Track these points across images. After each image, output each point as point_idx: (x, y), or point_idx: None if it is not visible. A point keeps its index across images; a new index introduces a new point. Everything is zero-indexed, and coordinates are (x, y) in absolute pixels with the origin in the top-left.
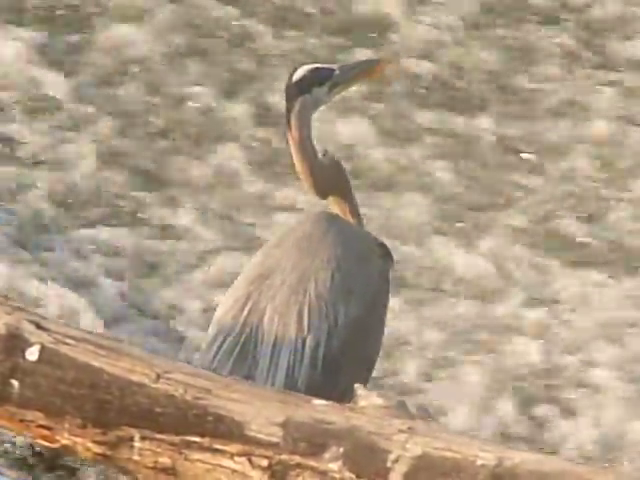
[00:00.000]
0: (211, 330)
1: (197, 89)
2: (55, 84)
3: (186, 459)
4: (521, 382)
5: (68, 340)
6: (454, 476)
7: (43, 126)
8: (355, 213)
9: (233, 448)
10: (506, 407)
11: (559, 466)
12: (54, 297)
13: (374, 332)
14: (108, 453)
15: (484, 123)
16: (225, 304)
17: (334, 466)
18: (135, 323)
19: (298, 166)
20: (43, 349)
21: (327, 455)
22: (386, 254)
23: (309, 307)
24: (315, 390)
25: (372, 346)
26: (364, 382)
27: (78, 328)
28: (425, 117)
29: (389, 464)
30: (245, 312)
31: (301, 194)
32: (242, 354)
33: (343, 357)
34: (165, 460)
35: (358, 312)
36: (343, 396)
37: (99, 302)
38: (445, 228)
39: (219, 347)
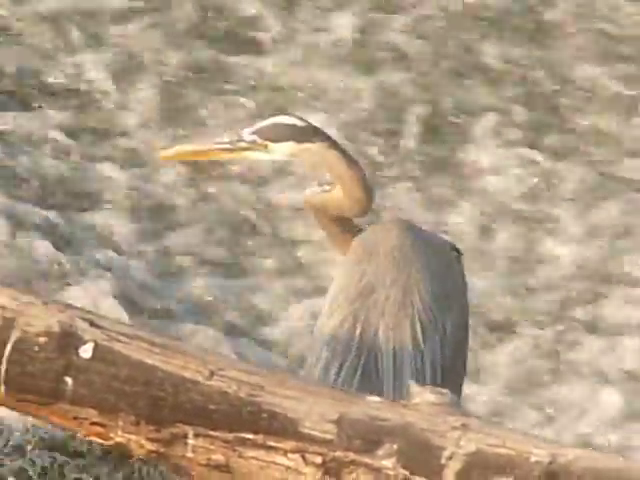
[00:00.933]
0: (321, 353)
1: None
2: None
3: (240, 456)
4: None
5: (121, 337)
6: (508, 473)
7: None
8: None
9: (287, 445)
10: None
11: (614, 463)
12: None
13: (468, 332)
14: (162, 450)
15: None
16: (330, 325)
17: (388, 463)
18: None
19: (349, 177)
20: (97, 347)
21: (381, 452)
22: (459, 254)
23: (420, 320)
24: None
25: (467, 345)
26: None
27: (131, 325)
28: None
29: (443, 461)
30: (357, 332)
31: None
32: (365, 375)
33: (456, 363)
34: (219, 457)
35: (458, 317)
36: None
37: None
38: None
39: (338, 370)
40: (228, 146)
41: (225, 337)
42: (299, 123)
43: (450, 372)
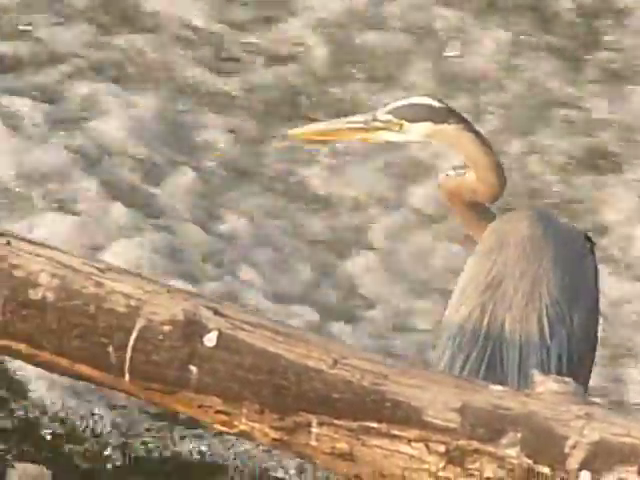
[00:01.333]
0: (447, 344)
1: None
2: None
3: (364, 445)
4: None
5: (245, 326)
6: (632, 462)
7: None
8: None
9: (410, 434)
10: None
11: None
12: None
13: (597, 322)
14: (285, 438)
15: None
16: (458, 316)
17: (512, 452)
18: None
19: (484, 160)
20: (221, 335)
21: (504, 441)
22: (592, 246)
23: (547, 314)
24: None
25: (597, 337)
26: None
27: (255, 313)
28: None
29: (567, 450)
30: (484, 324)
31: None
32: (490, 368)
33: (582, 357)
34: (343, 446)
35: (587, 310)
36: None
37: None
38: None
39: (464, 362)
40: (362, 125)
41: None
42: (436, 104)
43: (577, 366)
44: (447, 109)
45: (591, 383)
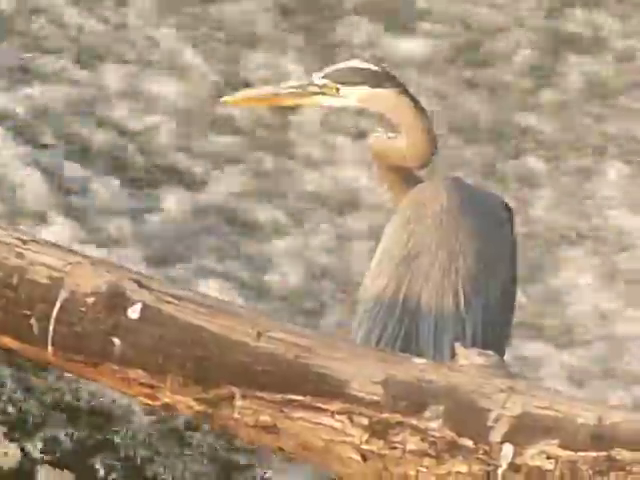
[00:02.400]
0: (364, 317)
1: None
2: None
3: (287, 417)
4: None
5: (169, 298)
6: (554, 435)
7: None
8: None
9: (334, 406)
10: None
11: None
12: None
13: (515, 293)
14: (209, 411)
15: None
16: (374, 289)
17: (434, 425)
18: None
19: (416, 126)
20: (145, 307)
21: (427, 414)
22: (510, 213)
23: (463, 288)
24: None
25: (514, 305)
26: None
27: (179, 287)
28: None
29: (489, 423)
30: (400, 298)
31: None
32: (405, 343)
33: (498, 330)
34: (266, 418)
35: (505, 283)
36: None
37: None
38: None
39: (379, 336)
40: (297, 90)
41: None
42: (373, 67)
43: (492, 339)
44: (384, 73)
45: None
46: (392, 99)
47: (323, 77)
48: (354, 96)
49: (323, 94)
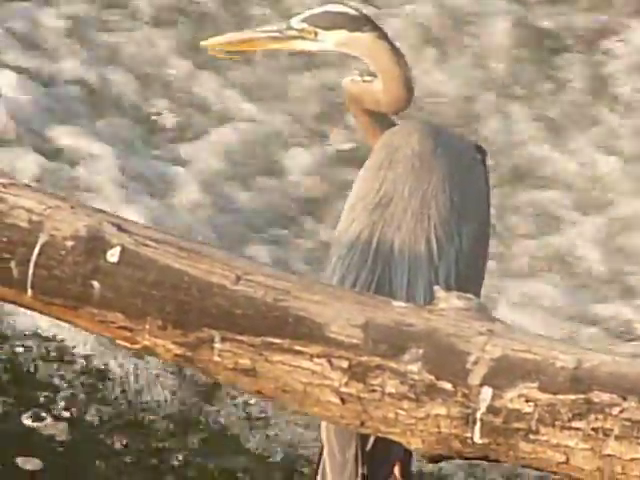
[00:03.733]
0: (337, 264)
1: None
2: None
3: (266, 360)
4: None
5: (149, 242)
6: (533, 378)
7: None
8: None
9: (313, 350)
10: None
11: (638, 368)
12: None
13: (488, 235)
14: (188, 354)
15: None
16: (347, 236)
17: (413, 367)
18: None
19: (393, 71)
20: (124, 251)
21: (406, 357)
22: (484, 156)
23: (436, 234)
24: None
25: (487, 247)
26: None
27: (159, 230)
28: None
29: (468, 366)
30: (373, 246)
31: None
32: (378, 291)
33: (471, 275)
34: (245, 362)
35: (478, 227)
36: None
37: None
38: None
39: (352, 284)
40: (276, 34)
41: None
42: (351, 11)
43: (465, 285)
44: (362, 16)
45: None
46: (369, 43)
47: (301, 21)
48: (332, 40)
49: (302, 38)
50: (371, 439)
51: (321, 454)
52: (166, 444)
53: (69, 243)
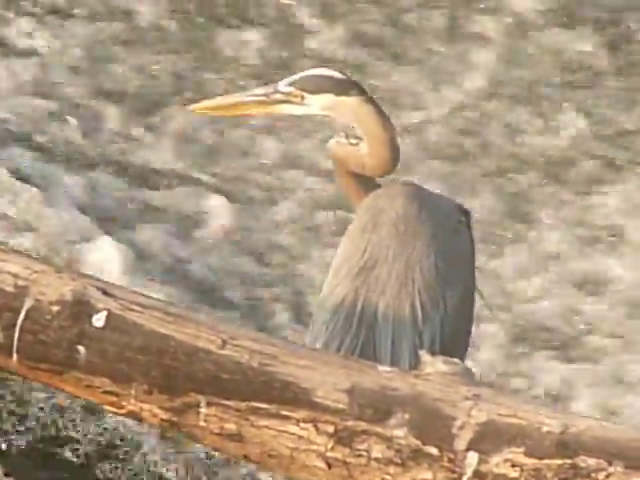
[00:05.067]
0: (321, 329)
1: None
2: None
3: (252, 425)
4: None
5: (134, 306)
6: (519, 443)
7: None
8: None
9: (299, 414)
10: None
11: (625, 433)
12: None
13: (474, 299)
14: (174, 419)
15: None
16: (331, 300)
17: (400, 432)
18: None
19: (379, 135)
20: (110, 315)
21: (393, 421)
22: (468, 218)
23: (420, 299)
24: None
25: (473, 312)
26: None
27: (144, 295)
28: None
29: (454, 431)
30: (357, 310)
31: None
32: (362, 356)
33: (457, 339)
34: (231, 426)
35: (463, 291)
36: None
37: None
38: None
39: (337, 350)
40: (262, 98)
41: None
42: (337, 75)
43: (450, 350)
44: (349, 81)
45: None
46: (356, 107)
47: (288, 84)
48: (318, 104)
49: (288, 102)
50: None
51: None
52: None
53: (55, 308)
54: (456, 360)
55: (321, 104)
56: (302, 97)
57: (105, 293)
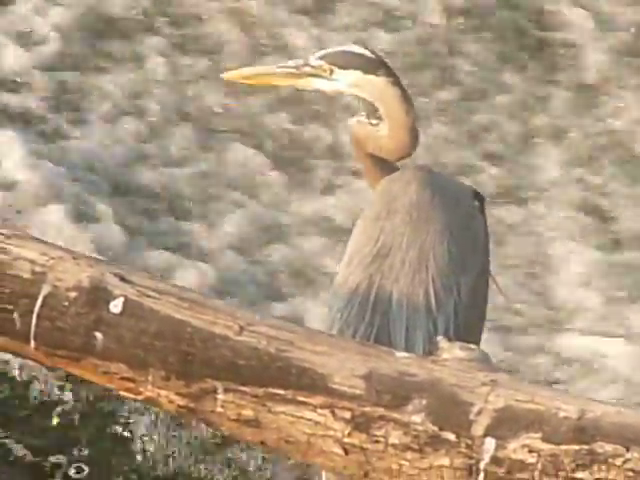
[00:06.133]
0: (335, 317)
1: None
2: None
3: (269, 411)
4: None
5: (151, 293)
6: (536, 428)
7: None
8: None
9: (316, 400)
10: None
11: None
12: None
13: (487, 285)
14: (191, 405)
15: None
16: (345, 288)
17: (417, 418)
18: None
19: (401, 118)
20: (127, 302)
21: (410, 407)
22: (482, 203)
23: (434, 286)
24: None
25: (486, 297)
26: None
27: (161, 281)
28: None
29: (472, 416)
30: (371, 298)
31: None
32: (377, 344)
33: (471, 324)
34: (248, 412)
35: (476, 277)
36: None
37: None
38: None
39: (352, 337)
40: (293, 70)
41: None
42: (368, 54)
43: (466, 334)
44: (379, 60)
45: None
46: (382, 87)
47: (319, 58)
48: (346, 80)
49: (317, 76)
50: None
51: None
52: None
53: (72, 294)
54: (473, 346)
55: (349, 81)
56: (331, 71)
57: (122, 279)
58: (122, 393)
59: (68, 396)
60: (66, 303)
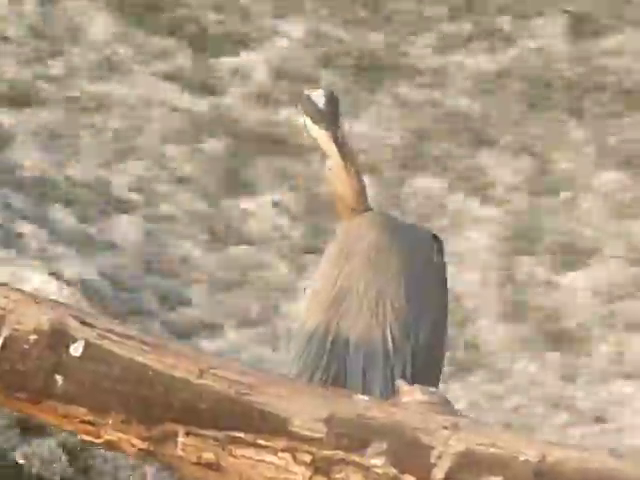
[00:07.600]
0: (294, 359)
1: None
2: None
3: (230, 455)
4: None
5: (112, 336)
6: (497, 472)
7: None
8: None
9: (277, 444)
10: None
11: (604, 463)
12: None
13: (446, 328)
14: (152, 449)
15: None
16: (303, 332)
17: (377, 461)
18: None
19: (353, 187)
20: (87, 345)
21: (370, 450)
22: (440, 245)
23: (391, 331)
24: None
25: (444, 341)
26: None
27: (122, 324)
28: None
29: (432, 460)
30: (328, 343)
31: None
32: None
33: (428, 369)
34: (209, 456)
35: (434, 321)
36: None
37: None
38: None
39: (308, 381)
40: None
41: None
42: (321, 101)
43: (422, 380)
44: (327, 111)
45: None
46: (325, 141)
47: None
48: (307, 125)
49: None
50: None
51: None
52: None
53: (32, 337)
54: (433, 389)
55: (307, 126)
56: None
57: (83, 322)
58: (82, 436)
59: None
60: (26, 346)
